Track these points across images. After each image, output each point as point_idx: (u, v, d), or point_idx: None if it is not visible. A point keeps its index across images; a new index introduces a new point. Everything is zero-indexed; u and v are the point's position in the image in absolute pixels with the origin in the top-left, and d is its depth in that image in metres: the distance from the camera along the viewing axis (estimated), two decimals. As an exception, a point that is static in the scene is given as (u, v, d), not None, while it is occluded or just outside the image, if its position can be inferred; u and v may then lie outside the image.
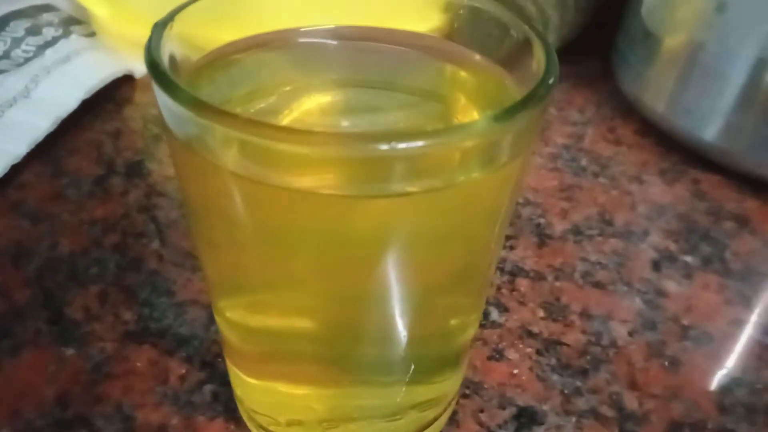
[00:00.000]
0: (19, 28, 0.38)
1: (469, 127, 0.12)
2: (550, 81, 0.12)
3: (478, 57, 0.15)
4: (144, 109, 0.34)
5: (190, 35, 0.14)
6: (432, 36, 0.16)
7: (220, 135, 0.11)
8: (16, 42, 0.37)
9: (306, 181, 0.12)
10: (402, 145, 0.10)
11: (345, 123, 0.15)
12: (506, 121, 0.11)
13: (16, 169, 0.29)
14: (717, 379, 0.22)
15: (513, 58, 0.15)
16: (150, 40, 0.12)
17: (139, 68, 0.37)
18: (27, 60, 0.36)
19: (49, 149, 0.30)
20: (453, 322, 0.17)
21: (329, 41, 0.16)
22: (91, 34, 0.40)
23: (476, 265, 0.15)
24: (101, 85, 0.34)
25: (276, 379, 0.17)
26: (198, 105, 0.11)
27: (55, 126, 0.31)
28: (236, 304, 0.16)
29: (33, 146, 0.30)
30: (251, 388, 0.17)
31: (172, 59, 0.13)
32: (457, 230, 0.14)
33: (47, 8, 0.41)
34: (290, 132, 0.11)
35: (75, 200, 0.27)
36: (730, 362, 0.22)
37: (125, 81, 0.36)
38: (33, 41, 0.37)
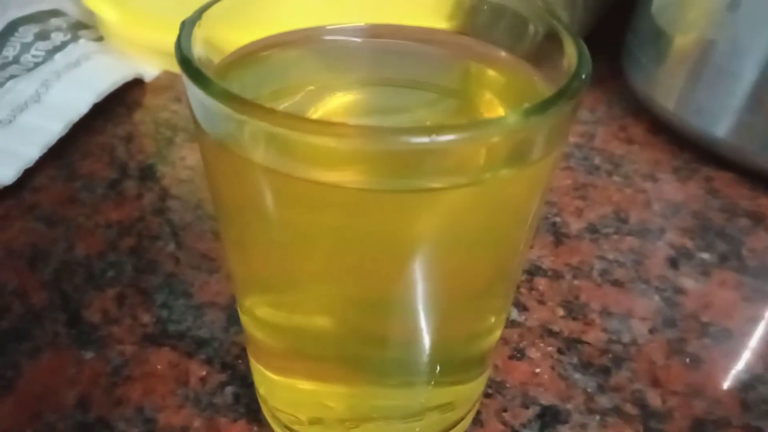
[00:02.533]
0: (28, 33, 0.38)
1: (500, 122, 0.12)
2: (583, 75, 0.12)
3: (503, 53, 0.15)
4: (155, 113, 0.34)
5: (212, 36, 0.14)
6: (457, 34, 0.16)
7: (253, 129, 0.11)
8: (26, 47, 0.37)
9: (335, 176, 0.12)
10: (435, 139, 0.10)
11: (370, 122, 0.15)
12: (538, 116, 0.11)
13: (29, 173, 0.29)
14: (738, 376, 0.22)
15: (538, 54, 0.15)
16: (179, 38, 0.12)
17: (148, 72, 0.37)
18: (37, 65, 0.36)
19: (61, 153, 0.30)
20: (480, 324, 0.17)
21: (354, 39, 0.16)
22: (99, 39, 0.40)
23: (505, 266, 0.15)
24: (112, 88, 0.34)
25: (299, 377, 0.17)
26: (232, 98, 0.11)
27: (67, 130, 0.31)
28: (263, 301, 0.15)
29: (46, 150, 0.30)
30: (275, 386, 0.17)
31: (198, 58, 0.13)
32: (486, 229, 0.14)
33: (55, 13, 0.41)
34: (323, 125, 0.11)
35: (89, 203, 0.27)
36: (751, 359, 0.22)
37: (135, 84, 0.36)
38: (42, 46, 0.37)
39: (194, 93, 0.12)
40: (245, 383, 0.20)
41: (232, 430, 0.19)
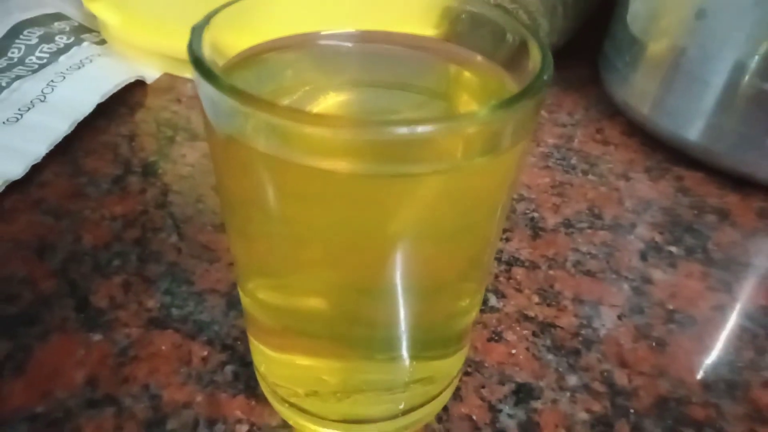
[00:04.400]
0: (32, 36, 0.40)
1: (474, 115, 0.13)
2: (545, 77, 0.14)
3: (479, 58, 0.17)
4: (156, 113, 0.35)
5: (218, 39, 0.16)
6: (439, 39, 0.17)
7: (258, 120, 0.13)
8: (30, 49, 0.39)
9: (329, 162, 0.13)
10: (414, 130, 0.12)
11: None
12: (505, 110, 0.13)
13: (36, 169, 0.30)
14: (700, 359, 0.24)
15: (511, 59, 0.17)
16: (191, 41, 0.14)
17: (149, 74, 0.38)
18: (41, 66, 0.37)
19: (66, 150, 0.32)
20: (457, 305, 0.18)
21: (347, 44, 0.17)
22: (102, 42, 0.41)
23: (478, 250, 0.17)
24: (115, 90, 0.35)
25: (296, 353, 0.18)
26: (239, 93, 0.12)
27: (72, 128, 0.32)
28: (264, 284, 0.17)
29: (52, 147, 0.31)
30: (274, 363, 0.19)
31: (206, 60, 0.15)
32: (461, 212, 0.15)
33: (58, 17, 0.42)
34: (320, 117, 0.13)
35: (94, 198, 0.29)
36: (713, 343, 0.24)
37: (137, 86, 0.37)
38: (47, 48, 0.39)
39: (205, 89, 0.13)
40: (244, 362, 0.22)
41: (232, 405, 0.21)
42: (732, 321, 0.25)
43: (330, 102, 0.17)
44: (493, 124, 0.13)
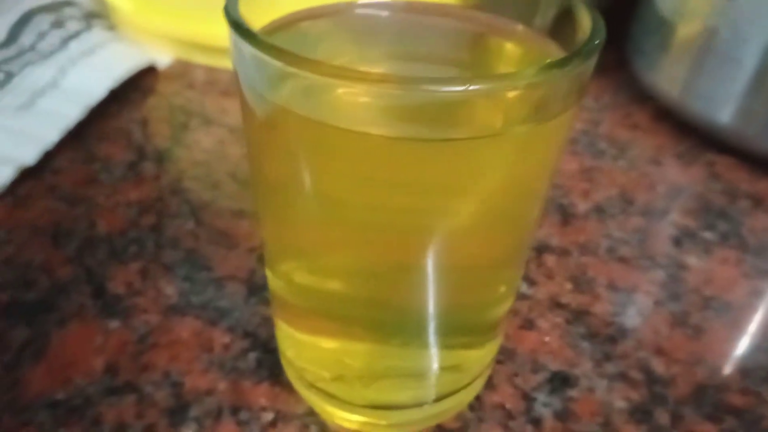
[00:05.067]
0: (43, 22, 0.39)
1: (521, 75, 0.12)
2: (596, 40, 0.13)
3: (521, 27, 0.16)
4: (168, 99, 0.35)
5: (251, 8, 0.15)
6: (477, 11, 0.16)
7: (300, 80, 0.12)
8: (41, 35, 0.38)
9: (368, 124, 0.12)
10: (470, 88, 0.11)
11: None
12: (557, 70, 0.12)
13: (49, 155, 0.29)
14: (738, 346, 0.23)
15: (553, 26, 0.16)
16: (227, 5, 0.13)
17: (161, 60, 0.38)
18: (53, 52, 0.37)
19: (79, 136, 0.31)
20: (495, 291, 0.17)
21: (383, 14, 0.17)
22: (112, 27, 0.41)
23: (520, 229, 0.16)
24: (127, 75, 0.35)
25: (326, 336, 0.18)
26: (281, 52, 0.12)
27: (84, 114, 0.32)
28: (299, 266, 0.16)
29: (65, 133, 0.30)
30: (303, 346, 0.18)
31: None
32: (506, 182, 0.14)
33: (68, 3, 0.42)
34: (361, 73, 0.12)
35: (109, 184, 0.28)
36: (750, 330, 0.23)
37: (148, 71, 0.36)
38: (57, 34, 0.38)
39: (244, 52, 0.12)
40: (267, 349, 0.21)
41: (256, 392, 0.20)
42: (771, 308, 0.24)
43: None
44: (544, 86, 0.12)
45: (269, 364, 0.21)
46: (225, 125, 0.33)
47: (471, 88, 0.11)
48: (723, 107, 0.31)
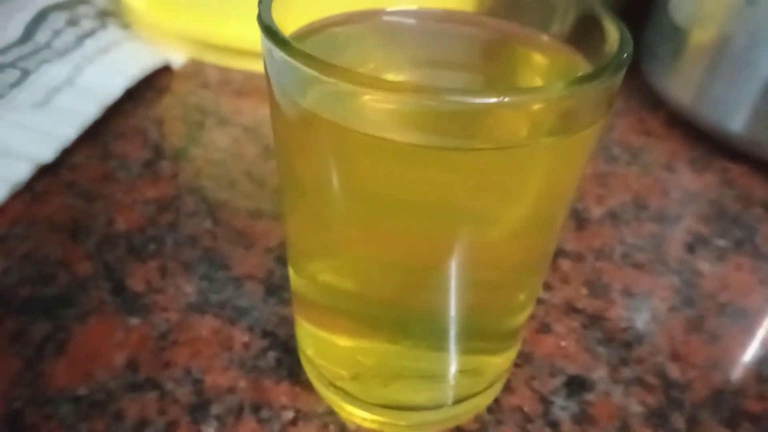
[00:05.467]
0: (58, 19, 0.39)
1: (548, 89, 0.13)
2: (625, 55, 0.13)
3: (545, 37, 0.16)
4: (183, 98, 0.35)
5: (283, 13, 0.15)
6: (503, 20, 0.16)
7: (325, 84, 0.12)
8: (57, 33, 0.38)
9: (394, 131, 0.13)
10: (487, 100, 0.11)
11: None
12: (586, 84, 0.12)
13: (66, 153, 0.30)
14: (754, 352, 0.23)
15: (577, 36, 0.16)
16: (260, 12, 0.13)
17: (176, 59, 0.38)
18: (68, 50, 0.37)
19: (95, 134, 0.31)
20: (516, 298, 0.17)
21: (410, 21, 0.17)
22: (126, 26, 0.41)
23: (544, 238, 0.16)
24: (143, 74, 0.35)
25: (346, 335, 0.18)
26: (311, 59, 0.12)
27: (101, 112, 0.32)
28: (323, 266, 0.17)
29: (81, 131, 0.31)
30: (322, 344, 0.18)
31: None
32: (528, 196, 0.14)
33: (82, 1, 0.42)
34: (388, 82, 0.12)
35: (126, 181, 0.28)
36: (766, 336, 0.23)
37: (162, 70, 0.37)
38: (73, 32, 0.38)
39: (276, 57, 0.12)
40: (286, 349, 0.21)
41: (277, 391, 0.20)
42: (785, 315, 0.24)
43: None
44: (572, 100, 0.12)
45: (288, 364, 0.21)
46: (240, 125, 0.33)
47: (502, 100, 0.11)
48: (736, 114, 0.31)
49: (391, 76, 0.17)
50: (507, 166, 0.13)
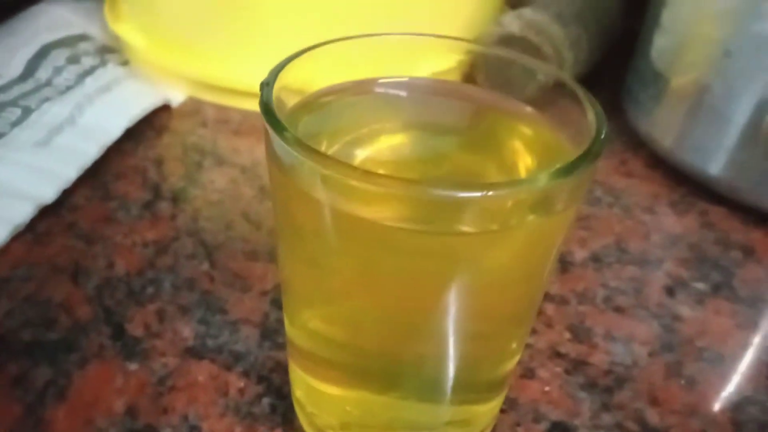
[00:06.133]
0: (59, 57, 0.40)
1: (530, 182, 0.14)
2: (602, 137, 0.14)
3: (529, 109, 0.17)
4: (183, 137, 0.36)
5: (285, 87, 0.16)
6: (489, 90, 0.18)
7: (317, 170, 0.13)
8: (58, 70, 0.39)
9: (376, 214, 0.14)
10: (472, 194, 0.12)
11: (416, 167, 0.17)
12: (565, 176, 0.13)
13: (66, 193, 0.30)
14: (731, 398, 0.24)
15: (545, 100, 0.17)
16: (262, 95, 0.14)
17: (175, 97, 0.39)
18: (69, 88, 0.38)
19: (95, 174, 0.32)
20: (503, 351, 0.18)
21: (399, 91, 0.18)
22: (125, 63, 0.42)
23: (528, 301, 0.17)
24: (143, 114, 0.36)
25: (331, 383, 0.19)
26: (302, 146, 0.13)
27: (102, 152, 0.33)
28: (315, 316, 0.17)
29: (82, 171, 0.31)
30: (312, 391, 0.19)
31: (276, 104, 0.15)
32: (513, 268, 0.16)
33: (83, 38, 0.43)
34: (373, 176, 0.13)
35: (126, 223, 0.29)
36: (743, 382, 0.24)
37: (162, 108, 0.38)
38: (73, 70, 0.39)
39: (275, 138, 0.14)
40: (280, 395, 0.22)
41: (271, 438, 0.21)
42: (761, 360, 0.25)
43: (384, 144, 0.17)
44: (553, 188, 0.14)
45: (282, 410, 0.21)
46: (237, 165, 0.34)
47: (487, 194, 0.12)
48: (714, 159, 0.32)
49: (384, 139, 0.18)
50: (490, 246, 0.14)
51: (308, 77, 0.16)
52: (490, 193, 0.12)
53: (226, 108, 0.39)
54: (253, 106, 0.38)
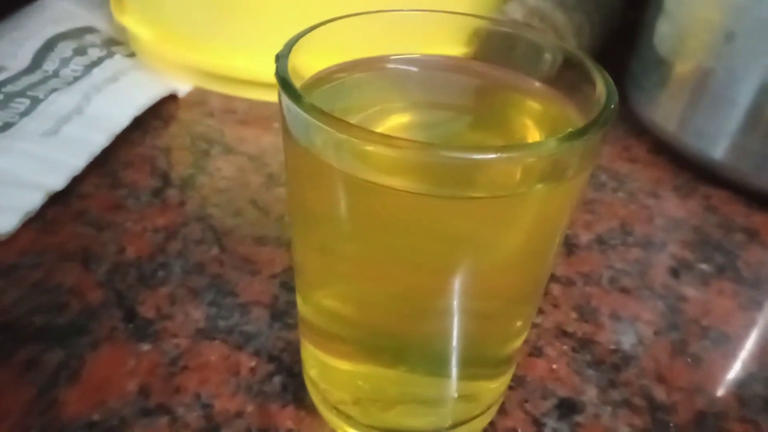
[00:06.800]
0: (66, 48, 0.40)
1: (540, 146, 0.14)
2: (612, 106, 0.14)
3: (538, 84, 0.17)
4: (189, 126, 0.36)
5: (297, 63, 0.16)
6: (498, 66, 0.18)
7: (333, 137, 0.13)
8: (65, 62, 0.39)
9: (393, 180, 0.14)
10: (479, 156, 0.13)
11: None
12: (572, 142, 0.14)
13: (75, 181, 0.31)
14: (736, 375, 0.24)
15: (562, 81, 0.17)
16: (278, 66, 0.14)
17: (181, 88, 0.39)
18: (76, 78, 0.38)
19: (104, 163, 0.32)
20: (512, 327, 0.18)
21: (410, 68, 0.18)
22: (132, 55, 0.42)
23: (536, 273, 0.17)
24: (150, 103, 0.36)
25: (344, 358, 0.19)
26: (319, 112, 0.13)
27: (110, 141, 0.33)
28: (327, 293, 0.18)
29: (91, 159, 0.32)
30: (325, 367, 0.19)
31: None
32: (523, 236, 0.16)
33: (89, 30, 0.43)
34: (388, 138, 0.13)
35: (135, 210, 0.29)
36: (747, 360, 0.25)
37: (168, 99, 0.38)
38: (80, 61, 0.40)
39: (290, 109, 0.14)
40: (291, 373, 0.22)
41: (282, 415, 0.21)
42: (765, 338, 0.26)
43: (395, 122, 0.17)
44: (563, 154, 0.14)
45: (293, 388, 0.22)
46: (244, 153, 0.34)
47: (499, 156, 0.12)
48: (717, 144, 0.33)
49: (395, 117, 0.18)
50: (501, 212, 0.14)
51: (320, 53, 0.17)
52: (503, 155, 0.12)
53: (232, 98, 0.39)
54: (259, 95, 0.39)
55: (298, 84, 0.16)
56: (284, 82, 0.14)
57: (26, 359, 0.22)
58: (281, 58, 0.15)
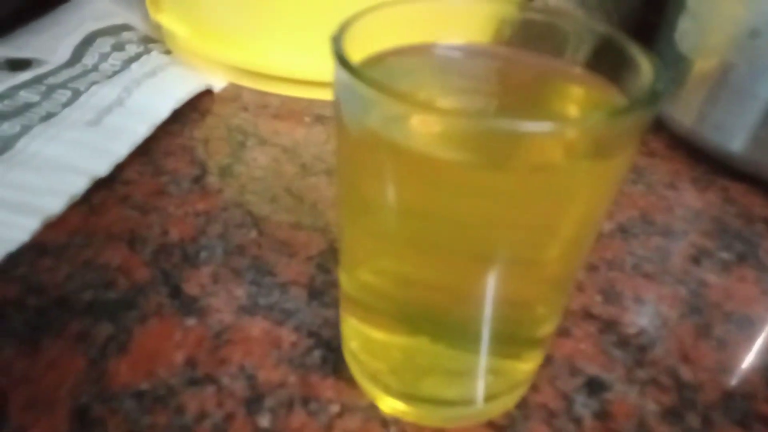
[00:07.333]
0: (104, 44, 0.42)
1: (588, 119, 0.15)
2: (660, 87, 0.15)
3: (579, 70, 0.18)
4: (225, 120, 0.37)
5: (348, 46, 0.17)
6: (541, 55, 0.19)
7: (391, 109, 0.14)
8: (104, 57, 0.41)
9: (448, 152, 0.15)
10: (558, 127, 0.14)
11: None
12: (623, 116, 0.14)
13: (119, 168, 0.32)
14: (761, 357, 0.25)
15: (607, 66, 0.18)
16: (335, 46, 0.15)
17: (216, 83, 0.41)
18: (115, 72, 0.40)
19: (145, 152, 0.34)
20: (546, 310, 0.19)
21: (458, 54, 0.19)
22: (167, 52, 0.44)
23: (575, 253, 0.18)
24: (188, 97, 0.37)
25: (385, 331, 0.20)
26: (379, 84, 0.14)
27: (151, 131, 0.34)
28: (371, 270, 0.19)
29: (133, 148, 0.33)
30: (366, 339, 0.20)
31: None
32: (564, 212, 0.16)
33: (126, 27, 0.45)
34: (442, 109, 0.14)
35: (177, 195, 0.31)
36: (769, 343, 0.25)
37: (204, 94, 0.39)
38: (119, 56, 0.41)
39: (347, 85, 0.15)
40: (330, 348, 0.23)
41: (323, 386, 0.22)
42: (786, 324, 0.26)
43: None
44: (604, 130, 0.15)
45: (333, 361, 0.23)
46: (278, 145, 0.35)
47: (545, 128, 0.13)
48: (737, 137, 0.33)
49: (441, 103, 0.19)
50: (544, 187, 0.15)
51: (367, 39, 0.18)
52: (552, 126, 0.13)
53: (266, 93, 0.40)
54: (291, 91, 0.40)
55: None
56: (342, 60, 0.15)
57: (78, 331, 0.24)
58: (337, 39, 0.16)
